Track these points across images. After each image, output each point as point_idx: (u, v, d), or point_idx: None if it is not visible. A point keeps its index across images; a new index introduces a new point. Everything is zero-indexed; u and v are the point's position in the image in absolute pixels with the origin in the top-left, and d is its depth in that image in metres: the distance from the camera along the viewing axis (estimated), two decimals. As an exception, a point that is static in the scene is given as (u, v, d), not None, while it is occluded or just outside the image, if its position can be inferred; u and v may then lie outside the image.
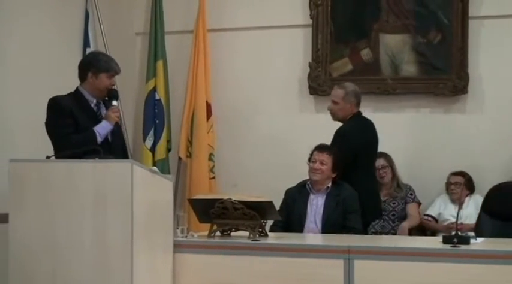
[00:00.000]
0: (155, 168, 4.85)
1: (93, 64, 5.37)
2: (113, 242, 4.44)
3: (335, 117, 6.19)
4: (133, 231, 4.41)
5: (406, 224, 6.75)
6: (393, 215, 6.71)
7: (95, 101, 5.39)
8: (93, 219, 4.48)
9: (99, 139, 5.22)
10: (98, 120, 5.34)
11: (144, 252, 4.54)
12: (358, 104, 6.18)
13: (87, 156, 4.77)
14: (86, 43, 7.02)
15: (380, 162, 6.78)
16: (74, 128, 5.24)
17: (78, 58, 6.78)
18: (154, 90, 7.48)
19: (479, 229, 5.35)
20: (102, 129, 5.27)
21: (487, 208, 5.43)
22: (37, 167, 4.66)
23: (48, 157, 4.69)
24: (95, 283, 4.46)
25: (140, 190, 4.48)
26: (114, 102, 5.43)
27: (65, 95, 5.37)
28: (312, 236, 5.67)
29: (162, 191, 4.81)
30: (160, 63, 7.51)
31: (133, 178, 4.43)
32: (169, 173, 6.37)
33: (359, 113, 6.19)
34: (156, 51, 7.52)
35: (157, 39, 7.52)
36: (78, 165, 4.66)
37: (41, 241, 4.55)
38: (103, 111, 5.44)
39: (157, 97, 7.49)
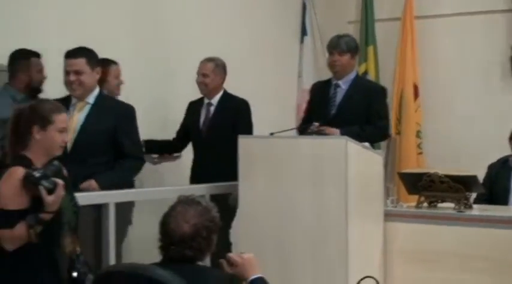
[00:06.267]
0: (367, 143, 5.16)
1: None
2: (329, 212, 4.80)
3: (206, 90, 5.94)
4: (347, 201, 4.75)
5: None
6: None
7: None
8: (312, 191, 4.85)
9: None
10: None
11: (358, 220, 4.85)
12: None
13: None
14: (303, 31, 7.76)
15: None
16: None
17: (297, 45, 7.61)
18: (365, 72, 7.81)
19: None
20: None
21: None
22: (262, 143, 5.11)
23: (272, 134, 5.16)
24: (314, 248, 4.85)
25: (353, 164, 4.80)
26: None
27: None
28: (516, 209, 5.71)
29: (374, 165, 5.10)
30: (371, 49, 7.86)
31: (347, 153, 4.76)
32: (379, 148, 6.71)
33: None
34: (367, 37, 7.86)
35: (368, 26, 7.87)
36: (296, 141, 5.13)
37: (267, 210, 4.99)
38: None
39: (369, 79, 7.91)
